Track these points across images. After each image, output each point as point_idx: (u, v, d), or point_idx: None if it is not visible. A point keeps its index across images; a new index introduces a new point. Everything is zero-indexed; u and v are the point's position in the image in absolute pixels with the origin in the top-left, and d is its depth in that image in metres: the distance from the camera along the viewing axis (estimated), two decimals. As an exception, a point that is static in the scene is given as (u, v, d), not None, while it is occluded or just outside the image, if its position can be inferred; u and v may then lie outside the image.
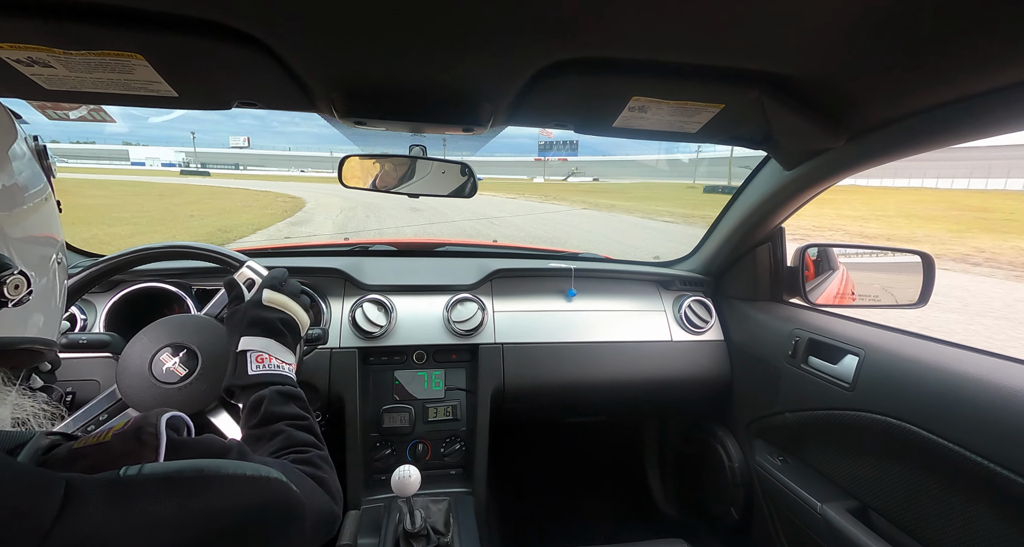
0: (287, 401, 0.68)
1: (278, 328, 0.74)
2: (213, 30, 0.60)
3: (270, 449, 0.62)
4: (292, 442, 0.63)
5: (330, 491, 0.59)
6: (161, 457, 0.41)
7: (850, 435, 0.97)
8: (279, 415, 0.66)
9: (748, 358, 1.31)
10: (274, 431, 0.64)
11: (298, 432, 0.65)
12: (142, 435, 0.42)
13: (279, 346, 0.74)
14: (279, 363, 0.72)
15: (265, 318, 0.74)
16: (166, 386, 0.78)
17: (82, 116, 0.97)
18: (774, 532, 1.19)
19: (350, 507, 1.18)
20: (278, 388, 0.69)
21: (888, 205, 25.46)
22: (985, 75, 0.60)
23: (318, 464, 0.62)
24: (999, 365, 0.76)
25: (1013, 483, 0.65)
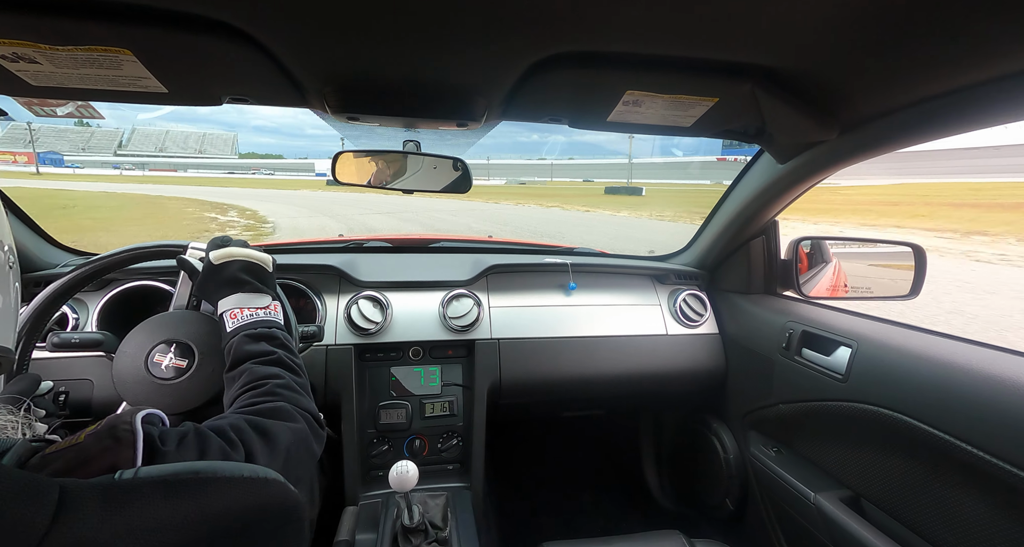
0: (254, 341, 0.71)
1: (241, 278, 0.76)
2: (202, 25, 0.59)
3: (236, 387, 0.65)
4: (253, 378, 0.65)
5: (289, 415, 0.61)
6: (139, 453, 0.41)
7: (843, 426, 0.99)
8: (245, 355, 0.69)
9: (743, 351, 1.32)
10: (240, 371, 0.67)
11: (263, 367, 0.67)
12: (117, 432, 0.42)
13: (249, 295, 0.76)
14: (252, 311, 0.75)
15: (225, 275, 0.76)
16: (166, 382, 0.77)
17: (70, 113, 0.96)
18: (768, 522, 1.20)
19: (348, 503, 1.18)
20: (247, 332, 0.71)
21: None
22: (974, 68, 0.60)
23: (275, 392, 0.63)
24: (988, 355, 0.77)
25: (1001, 470, 0.66)
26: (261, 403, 0.61)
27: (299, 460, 0.60)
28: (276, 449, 0.56)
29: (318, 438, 0.65)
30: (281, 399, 0.63)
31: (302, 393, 0.68)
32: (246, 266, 0.78)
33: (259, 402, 0.62)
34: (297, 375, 0.71)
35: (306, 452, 0.61)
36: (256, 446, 0.54)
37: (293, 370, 0.71)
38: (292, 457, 0.58)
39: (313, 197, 23.75)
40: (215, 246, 0.80)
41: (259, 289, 0.77)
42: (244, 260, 0.78)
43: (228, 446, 0.51)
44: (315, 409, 0.67)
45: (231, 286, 0.75)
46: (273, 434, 0.57)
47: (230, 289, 0.75)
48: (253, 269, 0.78)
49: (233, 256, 0.78)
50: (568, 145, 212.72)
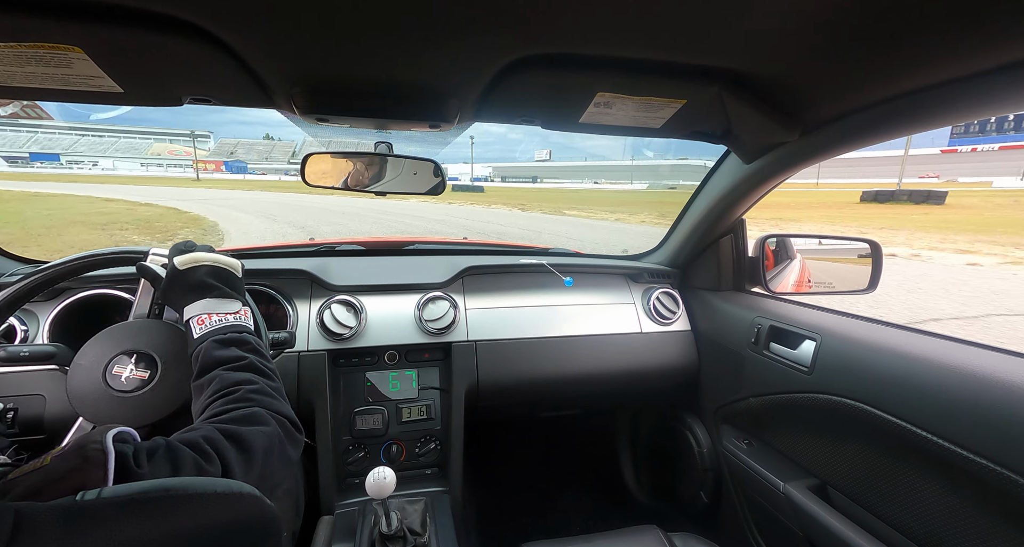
0: (224, 346, 0.68)
1: (208, 283, 0.73)
2: (160, 22, 0.57)
3: (206, 396, 0.62)
4: (223, 385, 0.63)
5: (262, 419, 0.59)
6: (110, 473, 0.39)
7: (809, 417, 1.02)
8: (214, 362, 0.66)
9: (714, 347, 1.35)
10: (209, 379, 0.64)
11: (234, 373, 0.65)
12: (86, 452, 0.39)
13: (217, 300, 0.73)
14: (221, 317, 0.71)
15: (191, 281, 0.73)
16: (127, 395, 0.74)
17: (14, 113, 0.90)
18: (741, 512, 1.24)
19: (323, 513, 1.15)
20: (216, 338, 0.69)
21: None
22: (928, 71, 0.64)
23: (248, 398, 0.61)
24: (943, 345, 0.82)
25: (954, 454, 0.70)
26: (233, 410, 0.59)
27: (276, 467, 0.58)
28: (252, 458, 0.54)
29: (294, 442, 0.63)
30: (254, 404, 0.61)
31: (276, 397, 0.65)
32: (213, 271, 0.75)
33: (231, 409, 0.59)
34: (271, 379, 0.68)
35: (282, 458, 0.59)
36: (231, 456, 0.52)
37: (266, 375, 0.68)
38: (269, 464, 0.56)
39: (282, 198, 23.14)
40: (179, 251, 0.77)
41: (228, 294, 0.74)
42: (211, 265, 0.75)
43: (203, 459, 0.49)
44: (291, 413, 0.65)
45: (198, 291, 0.72)
46: (248, 442, 0.55)
47: (197, 294, 0.72)
48: (221, 274, 0.75)
49: (199, 261, 0.74)
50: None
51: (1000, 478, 0.64)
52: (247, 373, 0.66)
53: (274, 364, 0.73)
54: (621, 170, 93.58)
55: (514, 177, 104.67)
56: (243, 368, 0.66)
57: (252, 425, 0.57)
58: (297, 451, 0.64)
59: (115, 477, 0.40)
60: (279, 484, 0.60)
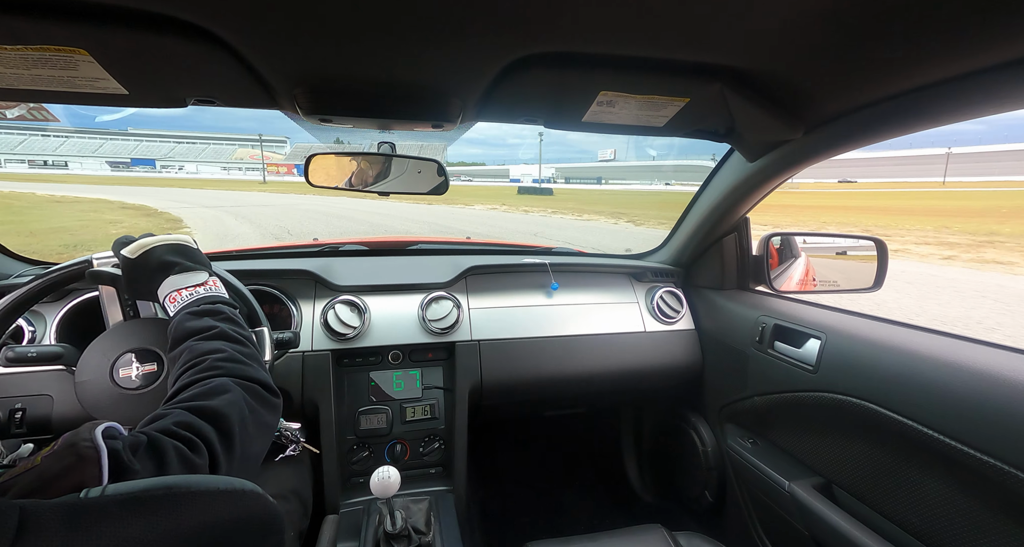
0: (197, 317, 0.67)
1: (168, 261, 0.72)
2: (165, 24, 0.57)
3: (177, 367, 0.61)
4: (192, 356, 0.61)
5: (226, 388, 0.57)
6: (105, 470, 0.39)
7: (814, 415, 1.02)
8: (185, 333, 0.65)
9: (718, 345, 1.35)
10: (180, 350, 0.63)
11: (203, 343, 0.63)
12: (78, 449, 0.39)
13: (182, 275, 0.72)
14: (191, 291, 0.71)
15: (149, 265, 0.72)
16: (136, 392, 0.74)
17: (20, 115, 0.91)
18: (746, 512, 1.23)
19: (328, 512, 1.16)
20: (189, 310, 0.68)
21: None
22: (929, 69, 0.63)
23: (215, 367, 0.59)
24: (947, 343, 0.81)
25: (960, 452, 0.69)
26: (199, 384, 0.57)
27: (251, 436, 0.56)
28: (231, 430, 0.53)
29: (269, 406, 0.61)
30: (221, 372, 0.59)
31: (247, 362, 0.63)
32: (168, 248, 0.73)
33: (196, 380, 0.57)
34: (244, 346, 0.66)
35: (257, 426, 0.57)
36: (212, 436, 0.51)
37: (238, 341, 0.66)
38: (245, 433, 0.55)
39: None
40: (122, 245, 0.75)
41: (191, 267, 0.73)
42: (162, 244, 0.74)
43: (186, 447, 0.48)
44: (264, 377, 0.63)
45: (161, 272, 0.71)
46: (222, 413, 0.53)
47: (161, 275, 0.71)
48: (177, 249, 0.74)
49: (148, 244, 0.73)
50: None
51: (1005, 475, 0.64)
52: (217, 341, 0.64)
53: (250, 331, 0.71)
54: (693, 170, 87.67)
55: (578, 178, 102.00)
56: (213, 337, 0.65)
57: (218, 396, 0.56)
58: (274, 416, 0.62)
59: (110, 475, 0.40)
60: (261, 453, 0.58)
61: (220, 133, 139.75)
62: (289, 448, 1.00)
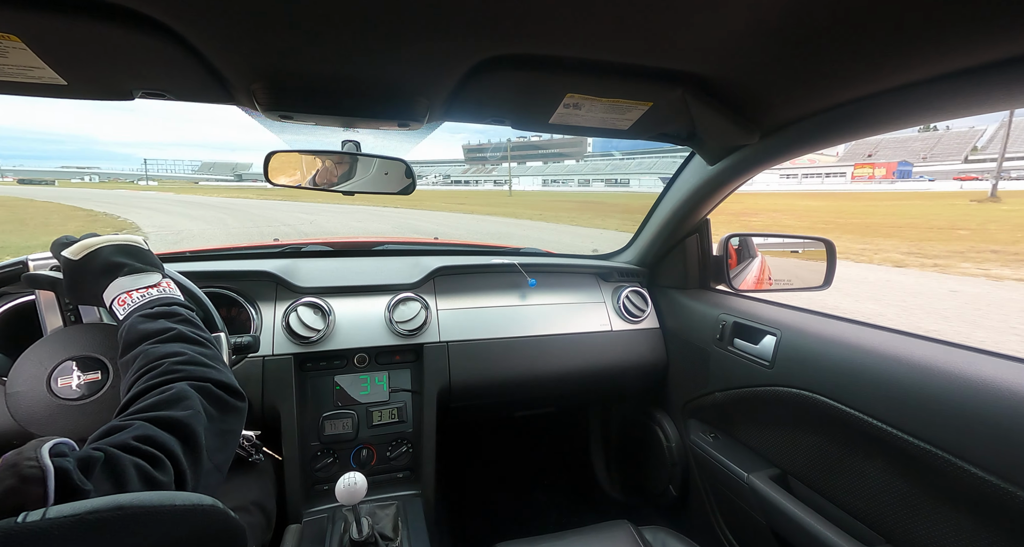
0: (152, 320, 0.62)
1: (115, 262, 0.67)
2: (107, 11, 0.54)
3: (131, 373, 0.57)
4: (147, 360, 0.57)
5: (185, 394, 0.53)
6: (51, 490, 0.36)
7: (770, 409, 1.06)
8: (139, 336, 0.60)
9: (681, 343, 1.39)
10: (134, 356, 0.58)
11: (159, 346, 0.59)
12: (20, 470, 0.35)
13: (132, 277, 0.67)
14: (142, 292, 0.66)
15: (93, 267, 0.66)
16: (77, 402, 0.69)
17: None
18: (708, 504, 1.27)
19: (290, 521, 1.12)
20: (142, 312, 0.63)
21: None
22: (871, 81, 0.68)
23: (174, 370, 0.55)
24: (891, 338, 0.87)
25: (899, 439, 0.74)
26: (157, 391, 0.53)
27: (215, 447, 0.53)
28: (196, 442, 0.49)
29: (233, 411, 0.57)
30: (180, 376, 0.55)
31: (210, 364, 0.59)
32: (116, 249, 0.68)
33: (153, 387, 0.53)
34: (204, 347, 0.62)
35: (220, 436, 0.54)
36: (176, 448, 0.47)
37: (198, 342, 0.62)
38: (210, 443, 0.51)
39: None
40: (61, 245, 0.69)
41: (141, 269, 0.68)
42: (109, 244, 0.68)
43: (149, 464, 0.44)
44: (228, 378, 0.59)
45: (107, 274, 0.66)
46: (187, 426, 0.49)
47: (107, 277, 0.65)
48: (126, 249, 0.69)
49: (94, 245, 0.67)
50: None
51: (935, 458, 0.69)
52: (175, 344, 0.60)
53: (208, 333, 0.67)
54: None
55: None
56: (170, 339, 0.60)
57: (179, 403, 0.52)
58: (239, 421, 0.58)
59: (57, 495, 0.36)
60: (226, 461, 0.54)
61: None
62: (253, 457, 0.96)
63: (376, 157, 1.02)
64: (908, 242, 10.70)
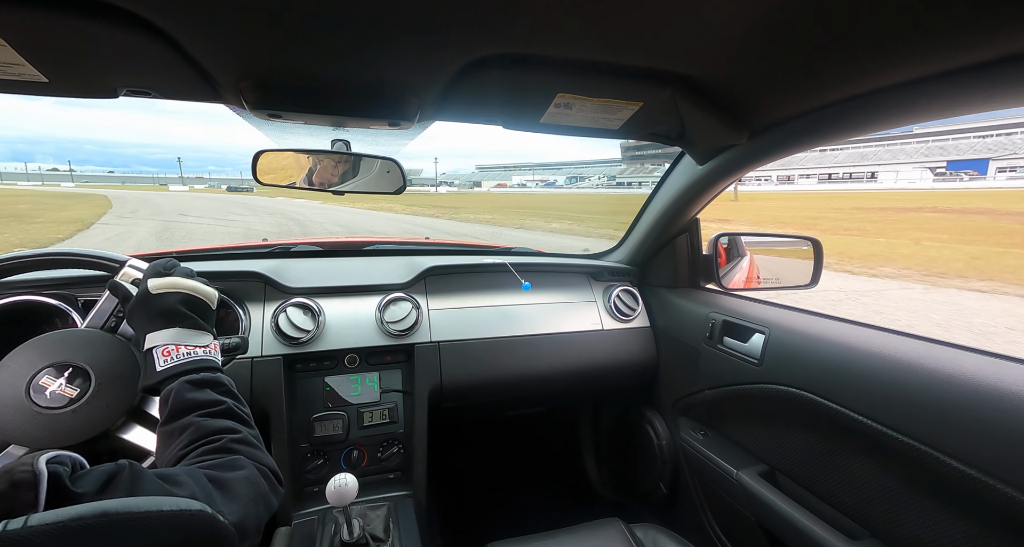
0: (199, 388, 0.63)
1: (181, 312, 0.68)
2: (89, 8, 0.53)
3: (180, 445, 0.57)
4: (202, 433, 0.58)
5: (242, 465, 0.56)
6: (41, 497, 0.35)
7: (759, 406, 1.08)
8: (189, 406, 0.61)
9: (672, 342, 1.40)
10: (183, 425, 0.59)
11: (212, 420, 0.60)
12: (13, 476, 0.35)
13: (187, 332, 0.67)
14: (190, 350, 0.66)
15: (162, 307, 0.67)
16: (54, 411, 0.67)
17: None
18: (698, 501, 1.29)
19: (279, 524, 1.11)
20: (188, 378, 0.64)
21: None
22: (862, 80, 0.69)
23: (232, 448, 0.57)
24: (876, 335, 0.88)
25: (885, 436, 0.75)
26: (215, 459, 0.55)
27: (259, 517, 0.54)
28: (237, 502, 0.50)
29: (276, 494, 0.60)
30: (242, 454, 0.57)
31: (259, 447, 0.62)
32: (187, 299, 0.69)
33: (211, 459, 0.55)
34: (251, 427, 0.64)
35: (265, 508, 0.56)
36: (212, 494, 0.48)
37: (246, 422, 0.64)
38: (251, 512, 0.53)
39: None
40: (155, 273, 0.71)
41: (199, 326, 0.69)
42: (186, 293, 0.69)
43: (174, 488, 0.45)
44: (273, 464, 0.61)
45: (167, 319, 0.67)
46: (232, 488, 0.51)
47: (165, 322, 0.66)
48: (194, 303, 0.70)
49: (175, 287, 0.69)
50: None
51: (919, 453, 0.70)
52: (227, 420, 0.61)
53: (248, 407, 0.68)
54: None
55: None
56: (221, 414, 0.62)
57: (233, 471, 0.54)
58: (278, 502, 0.60)
59: (48, 501, 0.36)
60: (250, 533, 0.56)
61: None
62: None
63: (367, 157, 1.02)
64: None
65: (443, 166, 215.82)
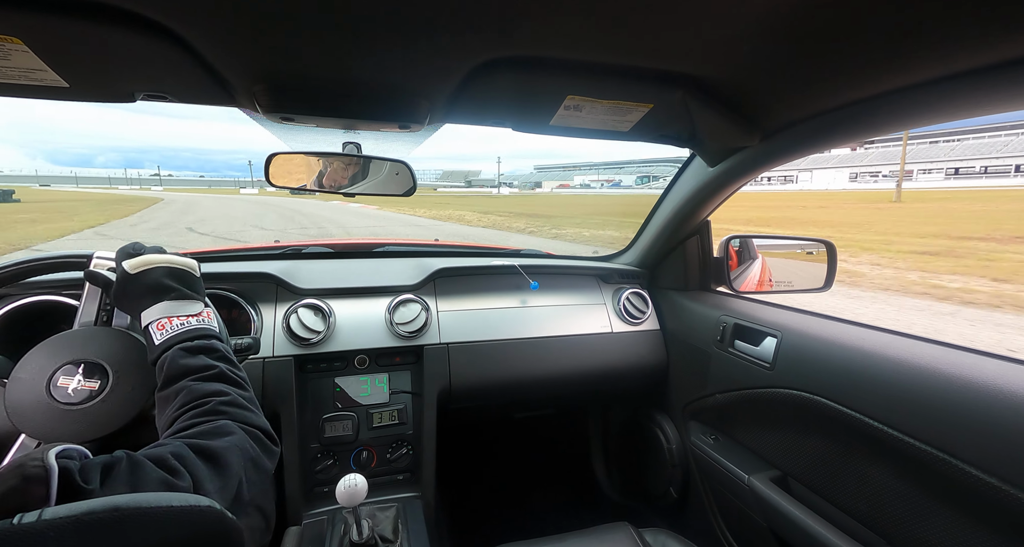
0: (191, 354, 0.64)
1: (166, 285, 0.69)
2: (109, 14, 0.54)
3: (172, 409, 0.59)
4: (193, 396, 0.59)
5: (230, 430, 0.56)
6: (53, 491, 0.36)
7: (771, 411, 1.06)
8: (182, 371, 0.62)
9: (681, 345, 1.39)
10: (177, 389, 0.60)
11: (204, 384, 0.61)
12: (25, 470, 0.36)
13: (177, 303, 0.68)
14: (183, 320, 0.67)
15: (145, 284, 0.68)
16: (75, 407, 0.69)
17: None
18: (709, 506, 1.27)
19: (290, 523, 1.12)
20: (183, 345, 0.65)
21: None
22: (876, 81, 0.68)
23: (220, 410, 0.58)
24: (892, 340, 0.86)
25: (902, 442, 0.74)
26: (202, 423, 0.56)
27: (252, 481, 0.55)
28: (226, 472, 0.51)
29: (270, 454, 0.60)
30: (226, 417, 0.58)
31: (250, 408, 0.62)
32: (168, 271, 0.70)
33: (200, 422, 0.56)
34: (243, 389, 0.65)
35: (257, 471, 0.56)
36: (203, 473, 0.49)
37: (238, 384, 0.65)
38: (245, 480, 0.54)
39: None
40: (126, 254, 0.72)
41: (187, 295, 0.70)
42: (165, 265, 0.70)
43: (171, 476, 0.46)
44: (265, 424, 0.62)
45: (154, 294, 0.68)
46: (220, 456, 0.52)
47: (153, 298, 0.67)
48: (177, 274, 0.71)
49: (152, 263, 0.70)
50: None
51: (939, 462, 0.68)
52: (217, 383, 0.62)
53: (244, 371, 0.69)
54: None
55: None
56: (213, 378, 0.63)
57: (221, 437, 0.55)
58: (272, 463, 0.61)
59: (59, 495, 0.37)
60: (253, 499, 0.57)
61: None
62: None
63: (378, 159, 1.02)
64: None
65: (502, 167, 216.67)
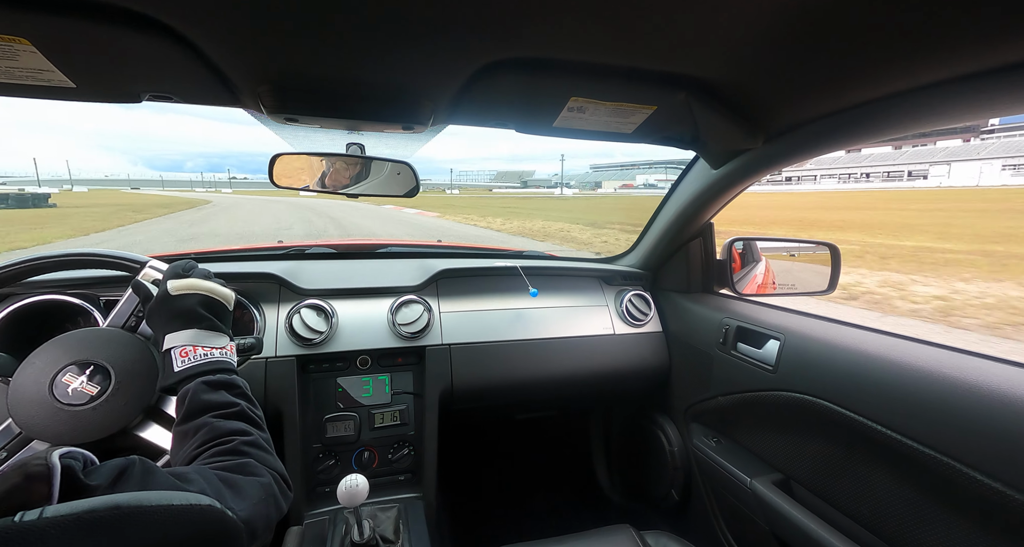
0: (214, 390, 0.64)
1: (199, 314, 0.69)
2: (115, 15, 0.54)
3: (193, 445, 0.59)
4: (215, 434, 0.59)
5: (257, 470, 0.57)
6: (55, 489, 0.36)
7: (774, 414, 1.06)
8: (204, 406, 0.62)
9: (684, 347, 1.39)
10: (198, 425, 0.61)
11: (225, 421, 0.62)
12: (28, 469, 0.36)
13: (205, 333, 0.69)
14: (207, 351, 0.68)
15: (180, 308, 0.69)
16: (75, 408, 0.69)
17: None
18: (710, 509, 1.27)
19: (291, 523, 1.12)
20: (205, 379, 0.65)
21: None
22: (880, 83, 0.68)
23: (243, 451, 0.58)
24: (895, 343, 0.86)
25: (906, 446, 0.73)
26: (227, 461, 0.56)
27: (266, 516, 0.55)
28: (246, 501, 0.51)
29: (285, 498, 0.61)
30: (248, 457, 0.58)
31: (270, 451, 0.63)
32: (205, 301, 0.71)
33: (223, 461, 0.56)
34: (262, 430, 0.66)
35: (275, 510, 0.57)
36: (224, 493, 0.49)
37: (258, 425, 0.66)
38: (260, 515, 0.54)
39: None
40: (175, 274, 0.73)
41: (216, 327, 0.71)
42: (204, 295, 0.72)
43: (183, 483, 0.46)
44: (282, 468, 0.63)
45: (185, 320, 0.69)
46: (243, 490, 0.52)
47: (183, 323, 0.68)
48: (212, 305, 0.72)
49: (194, 288, 0.71)
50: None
51: (943, 466, 0.68)
52: (239, 422, 0.63)
53: (261, 410, 0.70)
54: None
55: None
56: (234, 416, 0.63)
57: (247, 475, 0.55)
58: (287, 506, 0.61)
59: (62, 494, 0.37)
60: (259, 534, 0.57)
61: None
62: None
63: (381, 160, 1.03)
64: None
65: (554, 167, 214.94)
